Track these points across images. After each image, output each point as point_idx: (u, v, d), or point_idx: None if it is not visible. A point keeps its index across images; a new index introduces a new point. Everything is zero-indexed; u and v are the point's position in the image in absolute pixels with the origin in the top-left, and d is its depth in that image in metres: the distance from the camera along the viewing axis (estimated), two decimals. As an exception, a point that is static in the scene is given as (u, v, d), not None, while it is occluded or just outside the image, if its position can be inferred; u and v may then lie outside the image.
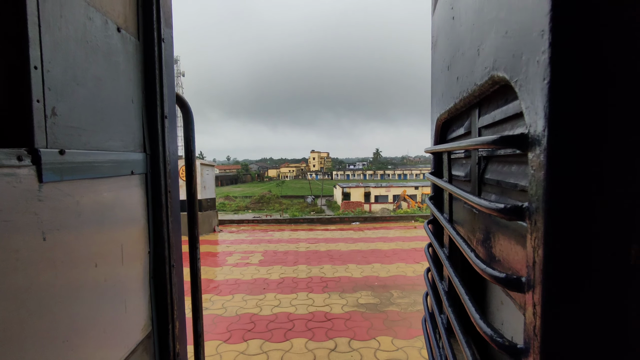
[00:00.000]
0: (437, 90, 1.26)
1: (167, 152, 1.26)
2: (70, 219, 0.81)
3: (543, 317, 0.45)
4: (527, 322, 0.49)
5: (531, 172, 0.49)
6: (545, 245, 0.44)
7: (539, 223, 0.46)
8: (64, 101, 0.80)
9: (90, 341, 0.88)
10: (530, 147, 0.47)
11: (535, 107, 0.44)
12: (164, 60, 1.26)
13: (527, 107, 0.47)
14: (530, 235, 0.48)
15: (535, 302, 0.46)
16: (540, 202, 0.45)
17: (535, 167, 0.46)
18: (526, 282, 0.50)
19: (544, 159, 0.44)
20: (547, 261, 0.45)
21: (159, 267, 1.23)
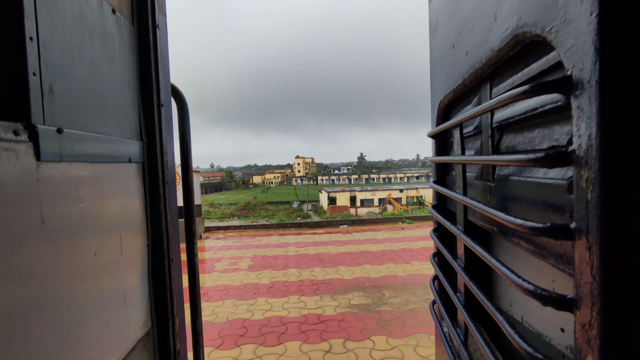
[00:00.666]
0: (439, 73, 1.26)
1: (164, 142, 1.22)
2: (70, 203, 0.77)
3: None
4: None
5: (577, 126, 0.46)
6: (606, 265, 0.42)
7: (591, 237, 0.43)
8: (61, 79, 0.76)
9: (93, 335, 0.83)
10: (575, 89, 0.45)
11: (582, 44, 0.43)
12: (159, 48, 1.22)
13: (568, 49, 0.46)
14: (581, 254, 0.46)
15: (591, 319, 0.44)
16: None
17: (583, 114, 0.44)
18: (581, 301, 0.47)
19: (595, 100, 0.41)
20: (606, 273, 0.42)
21: (158, 260, 1.18)
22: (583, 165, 0.45)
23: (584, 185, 0.45)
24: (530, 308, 0.99)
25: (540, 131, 0.70)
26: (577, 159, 0.46)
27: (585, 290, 0.45)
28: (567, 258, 0.54)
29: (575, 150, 0.46)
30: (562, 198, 0.56)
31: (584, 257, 0.45)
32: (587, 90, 0.43)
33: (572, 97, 0.47)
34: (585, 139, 0.44)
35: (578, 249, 0.47)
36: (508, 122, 0.81)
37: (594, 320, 0.44)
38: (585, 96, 0.44)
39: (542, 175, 0.64)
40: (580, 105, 0.45)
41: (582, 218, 0.45)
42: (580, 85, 0.44)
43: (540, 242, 0.63)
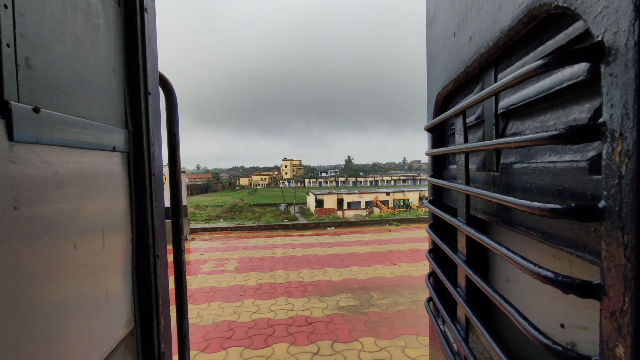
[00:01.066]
0: (438, 64, 1.23)
1: (151, 132, 1.16)
2: (48, 190, 0.70)
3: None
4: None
5: (608, 95, 0.42)
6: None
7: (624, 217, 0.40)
8: (39, 53, 0.70)
9: (71, 334, 0.76)
10: (608, 55, 0.42)
11: (616, 6, 0.39)
12: (147, 33, 1.16)
13: (599, 14, 0.43)
14: (607, 238, 0.43)
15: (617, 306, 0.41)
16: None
17: (617, 82, 0.40)
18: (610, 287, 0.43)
19: (633, 64, 0.37)
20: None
21: (143, 256, 1.12)
22: (616, 137, 0.41)
23: (617, 159, 0.41)
24: (529, 304, 0.97)
25: (553, 114, 0.67)
26: (607, 131, 0.43)
27: (617, 274, 0.42)
28: (587, 243, 0.51)
29: (605, 122, 0.43)
30: (581, 180, 0.53)
31: (614, 237, 0.42)
32: (623, 54, 0.40)
33: (602, 65, 0.43)
34: (619, 108, 0.40)
35: (607, 230, 0.43)
36: (515, 107, 0.78)
37: (627, 306, 0.40)
38: (620, 62, 0.40)
39: (556, 158, 0.61)
40: (613, 72, 0.41)
41: (614, 195, 0.42)
42: (615, 50, 0.41)
43: (553, 229, 0.60)
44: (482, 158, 0.96)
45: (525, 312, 0.99)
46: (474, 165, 1.02)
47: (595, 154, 0.51)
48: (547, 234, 0.61)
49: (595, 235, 0.49)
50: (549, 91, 0.64)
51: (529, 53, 0.72)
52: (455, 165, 1.05)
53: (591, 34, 0.45)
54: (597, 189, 0.49)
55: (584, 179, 0.52)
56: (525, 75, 0.52)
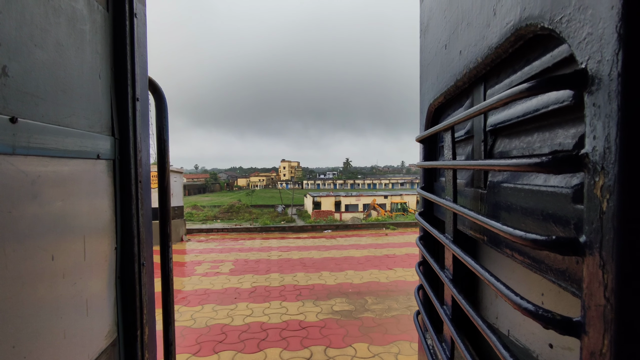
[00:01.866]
0: (430, 75, 1.21)
1: (138, 138, 1.14)
2: (24, 200, 0.68)
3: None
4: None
5: (591, 126, 0.40)
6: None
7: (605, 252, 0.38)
8: (17, 61, 0.68)
9: (45, 348, 0.74)
10: (591, 84, 0.40)
11: (600, 33, 0.38)
12: (136, 38, 1.14)
13: (582, 40, 0.41)
14: (590, 273, 0.41)
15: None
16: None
17: (599, 112, 0.38)
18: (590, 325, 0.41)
19: (616, 95, 0.36)
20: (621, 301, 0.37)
21: (127, 265, 1.10)
22: (598, 171, 0.40)
23: (598, 193, 0.40)
24: (517, 322, 0.95)
25: (540, 135, 0.65)
26: (590, 163, 0.41)
27: (596, 314, 0.40)
28: (570, 274, 0.50)
29: (588, 153, 0.41)
30: (565, 208, 0.52)
31: (595, 275, 0.40)
32: (606, 84, 0.38)
33: (586, 94, 0.42)
34: (602, 140, 0.39)
35: (588, 266, 0.42)
36: (503, 125, 0.76)
37: (606, 349, 0.38)
38: (603, 92, 0.39)
39: (541, 182, 0.60)
40: (596, 102, 0.40)
41: (595, 231, 0.40)
42: (597, 79, 0.40)
43: (537, 255, 0.59)
44: (470, 174, 0.95)
45: (512, 329, 0.98)
46: (463, 180, 1.00)
47: (579, 183, 0.50)
48: (532, 259, 0.60)
49: (577, 267, 0.47)
50: (536, 113, 0.62)
51: (516, 72, 0.71)
52: (443, 178, 1.04)
53: (575, 60, 0.44)
54: (580, 219, 0.48)
55: (568, 207, 0.51)
56: (509, 98, 0.50)
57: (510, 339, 0.98)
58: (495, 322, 1.09)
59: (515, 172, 0.70)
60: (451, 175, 0.93)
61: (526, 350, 0.89)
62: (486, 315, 1.14)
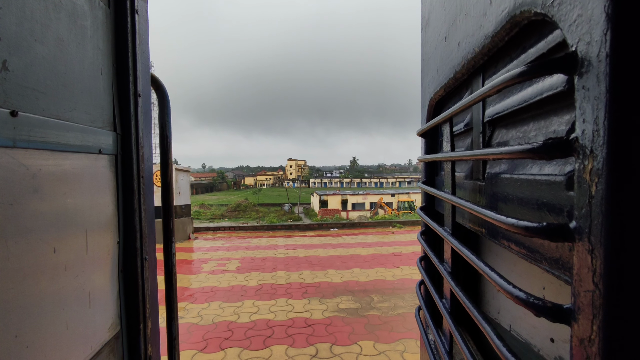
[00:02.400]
0: (430, 68, 1.21)
1: (140, 134, 1.15)
2: (25, 194, 0.70)
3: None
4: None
5: (581, 109, 0.40)
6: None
7: (594, 237, 0.38)
8: (17, 56, 0.69)
9: (47, 338, 0.76)
10: (581, 66, 0.40)
11: (589, 14, 0.37)
12: (137, 34, 1.15)
13: (573, 22, 0.41)
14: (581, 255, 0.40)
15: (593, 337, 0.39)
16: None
17: (589, 95, 0.38)
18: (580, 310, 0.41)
19: (604, 77, 0.35)
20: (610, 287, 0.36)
21: (130, 259, 1.11)
22: (587, 154, 0.39)
23: (587, 178, 0.39)
24: (518, 316, 0.94)
25: (535, 124, 0.65)
26: (579, 147, 0.40)
27: (585, 300, 0.40)
28: (563, 263, 0.49)
29: (577, 137, 0.41)
30: (559, 196, 0.51)
31: (584, 261, 0.40)
32: (595, 66, 0.38)
33: (576, 77, 0.41)
34: (591, 123, 0.38)
35: (578, 252, 0.41)
36: (500, 115, 0.76)
37: (595, 335, 0.38)
38: (592, 74, 0.38)
39: (536, 171, 0.59)
40: (585, 85, 0.39)
41: (584, 216, 0.40)
42: (587, 61, 0.39)
43: (532, 244, 0.58)
44: (469, 166, 0.94)
45: (514, 323, 0.97)
46: (462, 172, 1.00)
47: (572, 169, 0.49)
48: (527, 249, 0.59)
49: (570, 254, 0.47)
50: (531, 101, 0.62)
51: (513, 60, 0.70)
52: (444, 172, 1.03)
53: (567, 44, 0.43)
54: (572, 206, 0.47)
55: (561, 194, 0.50)
56: (503, 84, 0.50)
57: (511, 333, 0.98)
58: (497, 316, 1.08)
59: (511, 160, 0.70)
60: (450, 168, 0.93)
61: (527, 344, 0.88)
62: (488, 310, 1.14)
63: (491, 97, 0.84)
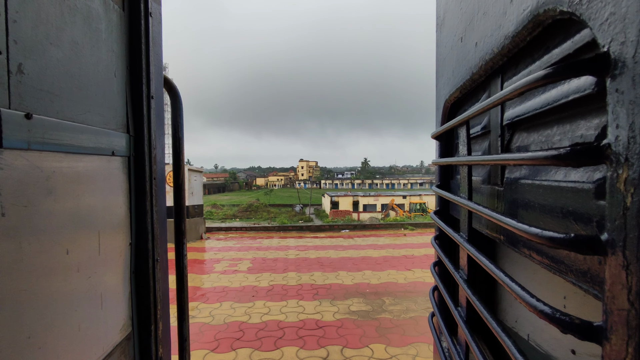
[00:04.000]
0: (446, 70, 1.18)
1: (152, 136, 1.16)
2: (39, 196, 0.70)
3: None
4: None
5: (614, 114, 0.37)
6: None
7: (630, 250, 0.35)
8: (33, 59, 0.69)
9: (60, 339, 0.76)
10: (614, 67, 0.37)
11: (624, 12, 0.35)
12: (151, 37, 1.16)
13: (605, 21, 0.38)
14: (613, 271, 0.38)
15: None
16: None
17: (623, 99, 0.35)
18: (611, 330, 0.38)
19: None
20: None
21: (142, 261, 1.11)
22: (621, 162, 0.37)
23: (621, 188, 0.37)
24: (538, 326, 0.91)
25: (559, 128, 0.62)
26: (612, 155, 0.38)
27: (619, 320, 0.37)
28: (592, 276, 0.46)
29: (610, 144, 0.38)
30: (587, 205, 0.48)
31: (618, 277, 0.37)
32: (630, 68, 0.35)
33: (608, 80, 0.39)
34: (626, 129, 0.36)
35: (610, 267, 0.38)
36: (521, 118, 0.73)
37: (630, 358, 0.35)
38: (626, 76, 0.36)
39: (561, 177, 0.57)
40: (619, 87, 0.37)
41: (618, 229, 0.37)
42: (621, 62, 0.36)
43: (556, 255, 0.56)
44: (487, 171, 0.91)
45: (533, 333, 0.94)
46: (479, 177, 0.97)
47: (602, 177, 0.46)
48: (551, 259, 0.57)
49: (600, 267, 0.44)
50: (555, 104, 0.59)
51: (535, 61, 0.67)
52: (459, 176, 1.00)
53: (597, 44, 0.41)
54: (602, 216, 0.45)
55: (590, 203, 0.47)
56: (525, 87, 0.47)
57: (530, 343, 0.94)
58: (514, 325, 1.05)
59: (533, 166, 0.67)
60: (466, 172, 0.90)
61: (547, 356, 0.85)
62: (505, 319, 1.10)
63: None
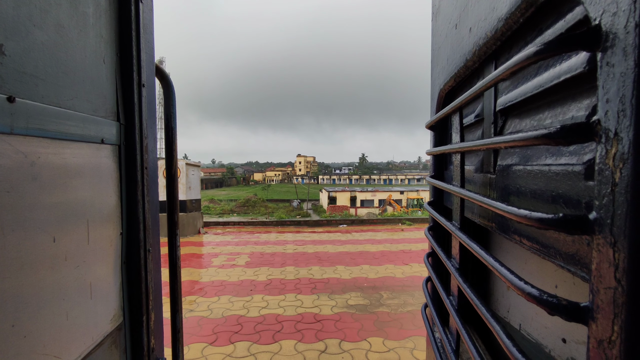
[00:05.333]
0: (441, 58, 1.17)
1: (144, 124, 1.14)
2: (23, 181, 0.69)
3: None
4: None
5: (604, 89, 0.36)
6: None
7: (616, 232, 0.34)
8: (15, 40, 0.68)
9: (46, 328, 0.75)
10: (605, 40, 0.35)
11: None
12: (142, 23, 1.14)
13: None
14: (601, 249, 0.37)
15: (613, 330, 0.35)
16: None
17: (614, 72, 0.34)
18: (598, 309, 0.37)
19: (633, 49, 0.31)
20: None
21: (133, 251, 1.10)
22: (610, 138, 0.35)
23: (610, 163, 0.36)
24: (529, 315, 0.91)
25: (550, 112, 0.61)
26: (602, 130, 0.37)
27: (606, 298, 0.36)
28: (580, 258, 0.46)
29: (600, 120, 0.37)
30: (577, 187, 0.47)
31: (605, 255, 0.36)
32: (622, 38, 0.34)
33: (599, 53, 0.38)
34: (616, 103, 0.34)
35: (598, 245, 0.38)
36: (513, 103, 0.72)
37: (616, 336, 0.35)
38: (618, 48, 0.34)
39: (552, 161, 0.56)
40: (610, 60, 0.36)
41: (606, 206, 0.36)
42: (612, 34, 0.35)
43: (546, 239, 0.55)
44: (480, 159, 0.90)
45: (524, 322, 0.94)
46: (472, 166, 0.96)
47: (592, 157, 0.45)
48: (539, 244, 0.56)
49: (588, 249, 0.43)
50: (547, 86, 0.58)
51: (528, 44, 0.66)
52: (453, 165, 1.00)
53: (589, 19, 0.40)
54: (591, 197, 0.44)
55: (579, 185, 0.46)
56: (518, 64, 0.46)
57: (521, 333, 0.94)
58: (506, 315, 1.04)
59: (524, 151, 0.66)
60: (459, 160, 0.89)
61: (538, 345, 0.85)
62: (497, 309, 1.10)
63: (504, 85, 0.79)
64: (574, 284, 0.69)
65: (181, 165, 10.75)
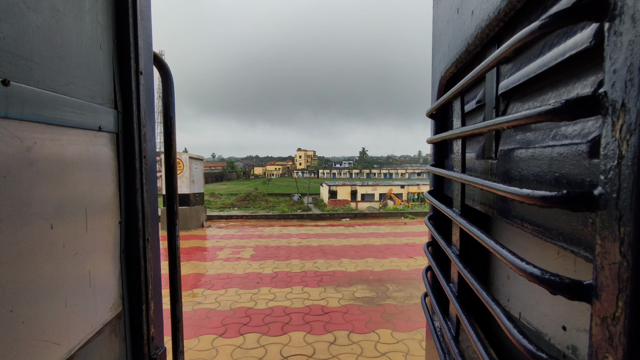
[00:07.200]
0: (442, 45, 1.14)
1: (142, 112, 1.13)
2: (19, 166, 0.68)
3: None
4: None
5: (611, 59, 0.35)
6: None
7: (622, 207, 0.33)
8: (9, 23, 0.67)
9: (45, 314, 0.75)
10: (614, 8, 0.33)
11: None
12: (139, 10, 1.12)
13: None
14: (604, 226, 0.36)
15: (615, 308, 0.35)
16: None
17: (621, 41, 0.32)
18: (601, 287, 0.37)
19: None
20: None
21: (132, 240, 1.10)
22: (617, 109, 0.34)
23: (617, 136, 0.34)
24: (529, 303, 0.90)
25: (554, 92, 0.59)
26: (608, 103, 0.35)
27: (610, 274, 0.35)
28: (584, 238, 0.44)
29: (606, 92, 0.35)
30: (580, 165, 0.46)
31: (610, 230, 0.35)
32: (631, 5, 0.32)
33: (606, 23, 0.36)
34: (624, 72, 0.33)
35: (603, 220, 0.36)
36: (516, 85, 0.70)
37: (620, 312, 0.33)
38: (626, 15, 0.33)
39: (554, 142, 0.54)
40: (618, 29, 0.34)
41: (612, 180, 0.35)
42: (621, 3, 0.33)
43: (548, 221, 0.53)
44: (481, 145, 0.88)
45: (524, 311, 0.93)
46: (473, 153, 0.94)
47: (597, 135, 0.44)
48: (541, 226, 0.54)
49: (592, 228, 0.42)
50: (551, 64, 0.56)
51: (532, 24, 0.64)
52: (453, 153, 0.98)
53: None
54: (595, 175, 0.42)
55: (584, 163, 0.45)
56: (521, 40, 0.44)
57: (521, 321, 0.93)
58: (506, 304, 1.04)
59: (526, 134, 0.64)
60: (460, 146, 0.87)
61: (538, 332, 0.84)
62: (498, 297, 1.09)
63: (506, 68, 0.77)
64: (576, 272, 0.68)
65: (184, 159, 10.74)
